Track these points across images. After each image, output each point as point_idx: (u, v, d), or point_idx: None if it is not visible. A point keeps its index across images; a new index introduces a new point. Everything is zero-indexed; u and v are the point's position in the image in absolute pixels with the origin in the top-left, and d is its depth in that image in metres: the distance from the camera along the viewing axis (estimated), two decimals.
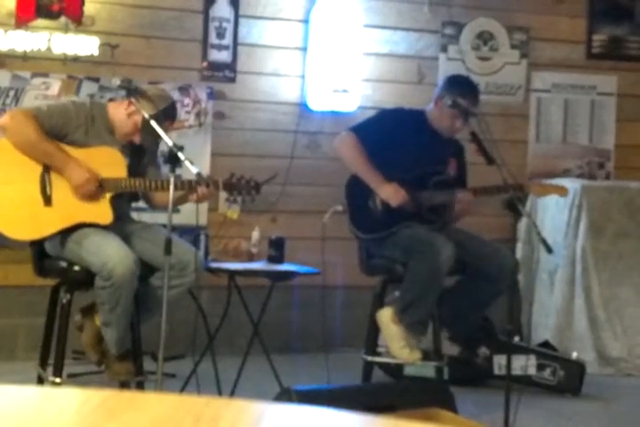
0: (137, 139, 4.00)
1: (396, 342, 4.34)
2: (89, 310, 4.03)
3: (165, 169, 4.03)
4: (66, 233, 3.87)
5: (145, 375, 4.01)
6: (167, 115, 3.99)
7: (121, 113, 3.99)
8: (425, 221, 4.44)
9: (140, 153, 4.12)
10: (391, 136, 4.48)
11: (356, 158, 4.46)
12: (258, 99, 5.72)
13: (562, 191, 4.60)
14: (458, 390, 4.14)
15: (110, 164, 3.93)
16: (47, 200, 3.86)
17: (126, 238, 3.89)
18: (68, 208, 3.87)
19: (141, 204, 4.27)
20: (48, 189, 3.87)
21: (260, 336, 4.53)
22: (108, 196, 3.90)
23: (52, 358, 3.97)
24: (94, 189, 3.86)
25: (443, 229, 4.48)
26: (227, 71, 5.65)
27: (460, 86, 4.58)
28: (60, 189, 3.87)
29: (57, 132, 3.90)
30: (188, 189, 3.92)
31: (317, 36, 5.72)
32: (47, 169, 3.88)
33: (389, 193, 4.39)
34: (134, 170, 4.03)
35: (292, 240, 4.90)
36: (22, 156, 3.86)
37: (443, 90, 4.57)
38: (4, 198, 3.86)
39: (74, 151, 3.90)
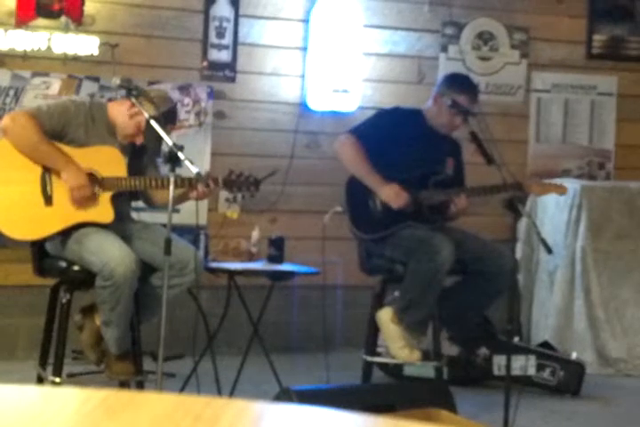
0: (139, 140, 4.00)
1: (396, 342, 4.34)
2: (89, 310, 4.03)
3: (165, 169, 4.03)
4: (67, 233, 3.87)
5: (145, 375, 4.01)
6: (168, 117, 3.99)
7: (123, 114, 3.98)
8: (425, 221, 4.44)
9: (140, 153, 4.12)
10: (390, 136, 4.48)
11: (355, 161, 4.46)
12: (258, 98, 5.72)
13: (561, 190, 4.60)
14: (457, 390, 4.14)
15: (110, 163, 3.94)
16: (48, 200, 3.87)
17: (126, 238, 3.89)
18: (69, 208, 3.87)
19: (141, 203, 4.28)
20: (49, 188, 3.87)
21: (259, 336, 4.53)
22: (108, 194, 3.91)
23: (52, 357, 3.97)
24: (88, 194, 3.85)
25: (442, 228, 4.48)
26: (227, 71, 5.64)
27: (460, 84, 4.58)
28: (61, 188, 3.87)
29: (57, 132, 3.90)
30: (187, 186, 3.92)
31: (317, 36, 5.72)
32: (47, 169, 3.88)
33: (390, 195, 4.39)
34: (134, 169, 4.03)
35: (291, 240, 4.90)
36: (23, 156, 3.86)
37: (442, 87, 4.57)
38: (4, 199, 3.86)
39: (74, 151, 3.91)
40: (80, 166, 3.87)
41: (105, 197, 3.90)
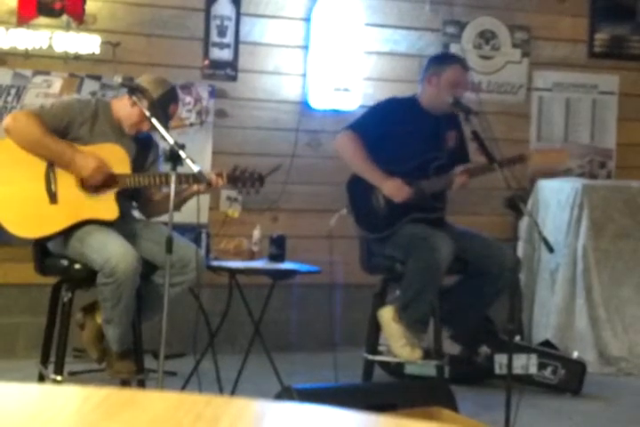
0: (146, 126, 4.00)
1: (397, 341, 4.34)
2: (90, 309, 4.04)
3: (167, 167, 4.04)
4: (69, 231, 3.88)
5: (146, 374, 4.01)
6: (167, 99, 4.01)
7: (125, 105, 4.01)
8: (428, 210, 4.45)
9: (147, 149, 4.13)
10: (388, 126, 4.49)
11: (355, 157, 4.46)
12: (259, 97, 5.72)
13: (561, 156, 4.60)
14: (459, 389, 4.14)
15: (114, 160, 3.94)
16: (52, 198, 3.87)
17: (128, 237, 3.90)
18: (74, 205, 3.88)
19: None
20: (53, 186, 3.88)
21: (260, 335, 4.53)
22: (113, 191, 3.91)
23: (53, 355, 3.98)
24: (104, 177, 3.86)
25: (444, 226, 4.49)
26: (228, 69, 5.64)
27: (449, 58, 4.74)
28: (66, 186, 3.87)
29: (61, 129, 3.91)
30: (191, 182, 3.93)
31: (319, 35, 5.72)
32: (52, 167, 3.89)
33: (392, 190, 4.39)
34: (140, 166, 4.04)
35: (292, 239, 4.90)
36: (26, 154, 3.87)
37: (432, 67, 4.58)
38: (9, 197, 3.86)
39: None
40: (86, 153, 3.87)
41: (110, 194, 3.91)
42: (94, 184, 3.87)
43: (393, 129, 4.48)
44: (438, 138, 4.57)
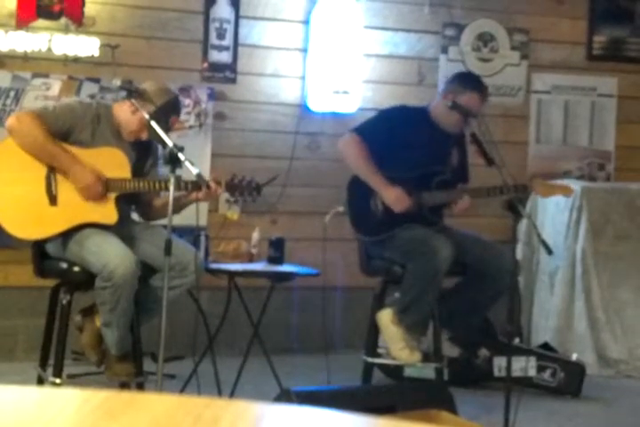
0: (144, 135, 4.01)
1: (396, 344, 4.34)
2: (89, 311, 4.04)
3: (165, 170, 4.04)
4: (68, 234, 3.88)
5: (145, 376, 4.01)
6: (169, 109, 4.00)
7: (125, 111, 4.00)
8: (426, 222, 4.44)
9: (147, 153, 4.13)
10: (395, 134, 4.48)
11: (358, 160, 4.46)
12: (258, 100, 5.72)
13: (567, 191, 4.60)
14: (458, 391, 4.13)
15: (114, 164, 3.94)
16: (52, 200, 3.87)
17: (127, 239, 3.90)
18: (74, 208, 3.88)
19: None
20: (53, 188, 3.88)
21: (259, 337, 4.53)
22: (112, 196, 3.91)
23: (52, 358, 3.97)
24: (100, 191, 3.86)
25: (442, 229, 4.49)
26: (227, 72, 5.65)
27: (474, 82, 4.59)
28: (66, 188, 3.88)
29: (63, 132, 3.91)
30: (191, 189, 3.93)
31: (318, 37, 5.72)
32: (52, 169, 3.89)
33: (392, 199, 4.38)
34: (139, 170, 4.04)
35: (291, 241, 4.90)
36: (28, 156, 3.87)
37: (454, 85, 4.55)
38: (10, 198, 3.87)
39: (78, 151, 3.91)
40: (86, 165, 3.87)
41: (109, 199, 3.91)
42: (89, 197, 3.86)
43: (399, 137, 4.46)
44: (444, 153, 4.57)
